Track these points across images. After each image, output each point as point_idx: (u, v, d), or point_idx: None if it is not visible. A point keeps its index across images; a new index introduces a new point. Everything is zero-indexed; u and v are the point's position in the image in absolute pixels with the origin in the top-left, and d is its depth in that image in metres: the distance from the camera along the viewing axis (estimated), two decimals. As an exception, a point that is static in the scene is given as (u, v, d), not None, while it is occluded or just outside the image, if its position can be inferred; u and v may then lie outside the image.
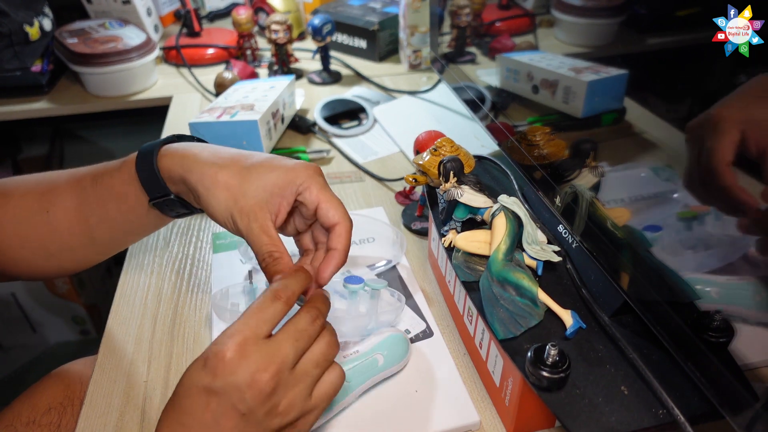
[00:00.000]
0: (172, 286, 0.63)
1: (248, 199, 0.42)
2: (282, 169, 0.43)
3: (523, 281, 0.45)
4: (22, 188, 0.49)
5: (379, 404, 0.48)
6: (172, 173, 0.44)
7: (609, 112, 0.50)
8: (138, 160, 0.45)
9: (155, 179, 0.45)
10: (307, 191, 0.43)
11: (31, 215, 0.48)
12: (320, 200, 0.43)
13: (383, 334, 0.50)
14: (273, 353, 0.35)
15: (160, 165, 0.45)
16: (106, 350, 0.55)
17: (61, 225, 0.48)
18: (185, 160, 0.44)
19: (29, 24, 1.04)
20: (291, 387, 0.36)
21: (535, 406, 0.44)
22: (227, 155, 0.44)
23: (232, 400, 0.34)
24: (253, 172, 0.42)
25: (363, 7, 1.20)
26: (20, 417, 0.57)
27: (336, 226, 0.43)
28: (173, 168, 0.44)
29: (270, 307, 0.37)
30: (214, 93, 0.99)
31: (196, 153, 0.44)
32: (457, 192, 0.51)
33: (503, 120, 0.66)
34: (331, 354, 0.39)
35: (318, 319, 0.39)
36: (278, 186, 0.42)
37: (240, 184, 0.42)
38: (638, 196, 0.45)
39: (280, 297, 0.37)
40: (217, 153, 0.44)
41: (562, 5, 0.55)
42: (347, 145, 0.89)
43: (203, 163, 0.43)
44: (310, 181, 0.43)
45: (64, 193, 0.48)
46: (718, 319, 0.36)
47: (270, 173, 0.42)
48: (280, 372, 0.35)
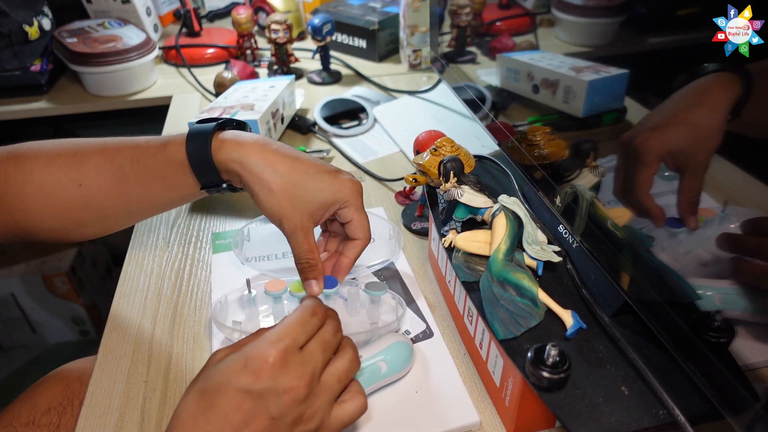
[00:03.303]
0: (172, 286, 0.62)
1: (298, 212, 0.46)
2: (333, 188, 0.47)
3: (523, 281, 0.45)
4: (43, 158, 0.49)
5: (379, 405, 0.48)
6: (229, 168, 0.47)
7: (609, 112, 0.50)
8: (189, 147, 0.47)
9: (210, 170, 0.47)
10: (346, 209, 0.49)
11: (61, 187, 0.49)
12: (353, 219, 0.49)
13: (388, 340, 0.50)
14: (307, 362, 0.38)
15: (215, 156, 0.47)
16: (106, 350, 0.55)
17: (95, 198, 0.49)
18: (244, 159, 0.46)
19: (29, 24, 1.04)
20: (317, 396, 0.38)
21: (535, 406, 0.44)
22: (283, 160, 0.47)
23: (267, 404, 0.36)
24: (308, 186, 0.47)
25: (363, 7, 1.20)
26: (20, 417, 0.57)
27: (356, 241, 0.50)
28: (230, 165, 0.47)
29: (309, 322, 0.40)
30: (214, 93, 0.99)
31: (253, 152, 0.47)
32: (457, 192, 0.51)
33: (503, 120, 0.66)
34: (352, 370, 0.41)
35: (338, 332, 0.42)
36: (325, 202, 0.47)
37: (294, 196, 0.46)
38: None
39: (318, 313, 0.41)
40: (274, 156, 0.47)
41: (562, 5, 0.55)
42: (347, 145, 0.89)
43: (262, 167, 0.46)
44: (352, 201, 0.48)
45: (97, 167, 0.49)
46: (718, 319, 0.36)
47: (322, 191, 0.47)
48: (313, 380, 0.38)
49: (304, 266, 0.48)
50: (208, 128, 0.48)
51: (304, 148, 0.85)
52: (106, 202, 0.50)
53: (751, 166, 0.34)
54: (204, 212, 0.74)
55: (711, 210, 0.39)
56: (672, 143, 0.39)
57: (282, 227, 0.47)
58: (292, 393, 0.36)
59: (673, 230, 0.40)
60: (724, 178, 0.37)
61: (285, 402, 0.36)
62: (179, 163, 0.48)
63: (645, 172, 0.40)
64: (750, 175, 0.34)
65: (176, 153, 0.48)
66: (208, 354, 0.54)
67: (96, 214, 0.51)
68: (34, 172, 0.49)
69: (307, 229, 0.47)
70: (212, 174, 0.48)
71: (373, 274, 0.62)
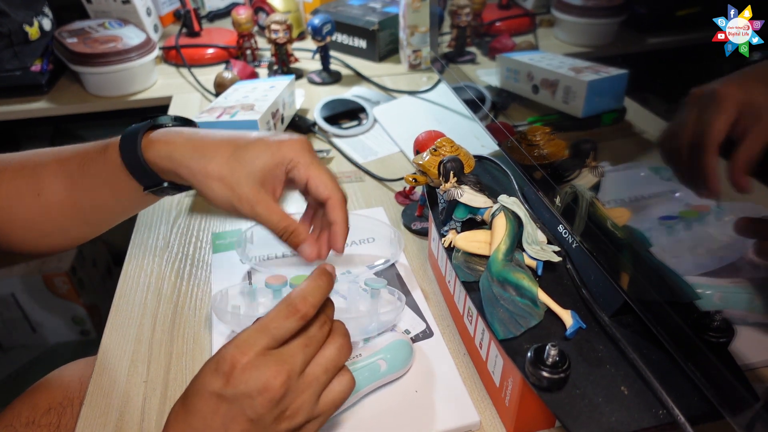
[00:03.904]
0: (172, 286, 0.63)
1: (243, 187, 0.43)
2: (269, 151, 0.43)
3: (523, 281, 0.45)
4: (10, 170, 0.49)
5: (379, 404, 0.48)
6: (161, 166, 0.44)
7: (609, 112, 0.50)
8: (122, 149, 0.45)
9: (144, 171, 0.45)
10: (295, 169, 0.44)
11: (22, 198, 0.48)
12: (309, 176, 0.44)
13: (387, 338, 0.50)
14: (284, 361, 0.36)
15: (146, 156, 0.44)
16: (106, 350, 0.55)
17: (53, 208, 0.48)
18: (173, 153, 0.44)
19: (29, 24, 1.04)
20: (300, 392, 0.36)
21: (535, 406, 0.44)
22: (213, 142, 0.44)
23: (242, 406, 0.35)
24: (242, 158, 0.43)
25: (363, 7, 1.20)
26: (20, 417, 0.57)
27: (328, 200, 0.45)
28: (161, 162, 0.44)
29: (283, 325, 0.36)
30: (214, 93, 0.99)
31: (181, 145, 0.44)
32: (457, 192, 0.51)
33: (503, 120, 0.66)
34: (341, 359, 0.39)
35: (326, 324, 0.39)
36: (268, 169, 0.43)
37: (231, 173, 0.43)
38: (638, 196, 0.45)
39: (297, 311, 0.36)
40: (203, 142, 0.44)
41: (562, 5, 0.55)
42: (347, 145, 0.89)
43: (191, 156, 0.43)
44: (297, 159, 0.44)
45: (52, 175, 0.48)
46: (718, 319, 0.36)
47: (258, 158, 0.43)
48: (290, 378, 0.36)
49: (287, 236, 0.44)
50: (138, 127, 0.46)
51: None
52: (63, 211, 0.49)
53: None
54: (204, 212, 0.74)
55: (705, 206, 0.39)
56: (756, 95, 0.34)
57: (238, 211, 0.44)
58: (267, 394, 0.35)
59: (667, 222, 0.40)
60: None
61: (260, 404, 0.35)
62: (118, 166, 0.46)
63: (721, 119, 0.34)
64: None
65: (113, 156, 0.46)
66: (208, 354, 0.54)
67: (56, 225, 0.50)
68: (1, 185, 0.48)
69: (266, 202, 0.43)
70: (149, 175, 0.45)
71: (374, 274, 0.62)
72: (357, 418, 0.47)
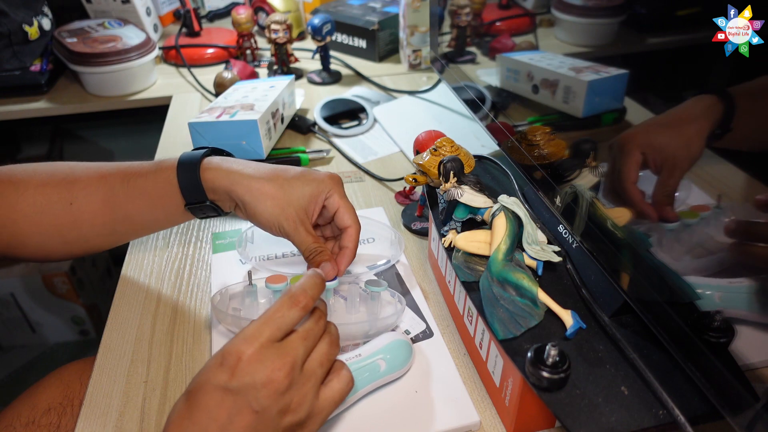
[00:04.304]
0: (172, 286, 0.62)
1: (292, 208, 0.50)
2: (315, 182, 0.52)
3: (523, 281, 0.45)
4: (36, 178, 0.52)
5: (379, 405, 0.48)
6: (216, 185, 0.51)
7: (609, 112, 0.50)
8: (180, 169, 0.52)
9: (197, 189, 0.51)
10: (331, 198, 0.52)
11: (53, 205, 0.51)
12: (339, 206, 0.52)
13: (387, 338, 0.50)
14: (286, 353, 0.38)
15: (203, 177, 0.51)
16: (106, 350, 0.55)
17: (84, 217, 0.52)
18: (231, 175, 0.51)
19: (28, 24, 1.04)
20: (301, 385, 0.38)
21: (535, 406, 0.44)
22: (267, 170, 0.52)
23: (247, 399, 0.36)
24: (293, 185, 0.51)
25: (363, 7, 1.20)
26: (20, 417, 0.57)
27: (348, 228, 0.53)
28: (218, 181, 0.51)
29: (287, 314, 0.39)
30: (214, 93, 0.99)
31: (240, 169, 0.51)
32: (457, 192, 0.51)
33: (503, 120, 0.66)
34: (332, 353, 0.41)
35: (321, 319, 0.42)
36: (313, 195, 0.51)
37: (284, 195, 0.50)
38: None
39: (299, 302, 0.40)
40: (258, 169, 0.52)
41: (562, 5, 0.55)
42: (347, 145, 0.89)
43: (249, 177, 0.50)
44: (334, 190, 0.52)
45: (89, 187, 0.52)
46: (718, 319, 0.36)
47: (307, 186, 0.51)
48: (293, 370, 0.37)
49: (315, 254, 0.51)
50: (198, 154, 0.52)
51: (303, 149, 0.85)
52: (94, 220, 0.52)
53: (744, 166, 0.34)
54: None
55: (706, 206, 0.39)
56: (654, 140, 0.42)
57: (282, 229, 0.50)
58: (272, 386, 0.36)
59: (667, 226, 0.41)
60: (719, 174, 0.37)
61: (265, 395, 0.36)
62: (169, 183, 0.51)
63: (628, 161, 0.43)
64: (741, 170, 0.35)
65: (167, 174, 0.52)
66: (208, 354, 0.54)
67: (81, 233, 0.53)
68: (27, 191, 0.51)
69: (306, 223, 0.51)
70: (198, 192, 0.51)
71: (374, 275, 0.62)
72: (357, 418, 0.47)
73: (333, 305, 0.56)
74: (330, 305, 0.55)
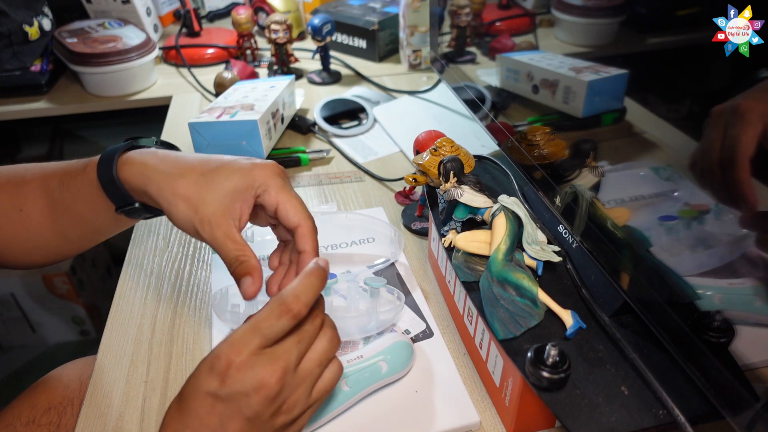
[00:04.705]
0: (172, 286, 0.63)
1: (208, 208, 0.41)
2: (239, 173, 0.42)
3: (523, 281, 0.45)
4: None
5: (379, 405, 0.48)
6: (133, 184, 0.44)
7: (609, 112, 0.50)
8: (99, 168, 0.45)
9: (117, 189, 0.45)
10: (265, 194, 0.43)
11: (4, 213, 0.48)
12: (278, 202, 0.43)
13: (388, 340, 0.50)
14: (278, 358, 0.36)
15: (120, 175, 0.44)
16: (106, 350, 0.55)
17: (33, 223, 0.48)
18: (145, 171, 0.44)
19: (29, 24, 1.04)
20: (295, 387, 0.37)
21: (535, 406, 0.44)
22: (186, 163, 0.43)
23: (239, 405, 0.35)
24: (211, 179, 0.42)
25: (363, 7, 1.20)
26: (20, 417, 0.57)
27: (298, 228, 0.43)
28: (133, 179, 0.44)
29: (276, 324, 0.36)
30: (214, 93, 0.99)
31: (155, 163, 0.44)
32: (457, 192, 0.51)
33: (503, 120, 0.66)
34: (332, 350, 0.39)
35: (317, 317, 0.39)
36: (237, 191, 0.42)
37: (198, 193, 0.42)
38: (638, 195, 0.45)
39: (290, 310, 0.36)
40: (176, 162, 0.44)
41: (562, 5, 0.55)
42: (347, 145, 0.89)
43: (162, 173, 0.43)
44: (268, 183, 0.42)
45: (34, 191, 0.48)
46: (718, 319, 0.36)
47: (228, 179, 0.42)
48: (285, 375, 0.36)
49: (235, 266, 0.41)
50: (117, 147, 0.46)
51: (303, 149, 0.85)
52: (44, 227, 0.49)
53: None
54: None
55: (704, 205, 0.39)
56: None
57: (198, 234, 0.42)
58: (263, 392, 0.35)
59: (667, 223, 0.40)
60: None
61: (256, 402, 0.35)
62: (95, 184, 0.46)
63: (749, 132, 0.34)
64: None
65: (92, 173, 0.46)
66: (208, 354, 0.54)
67: (36, 241, 0.50)
68: None
69: (226, 227, 0.42)
70: (122, 194, 0.45)
71: (373, 274, 0.62)
72: (357, 419, 0.47)
73: (332, 302, 0.56)
74: (329, 303, 0.55)
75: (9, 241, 0.49)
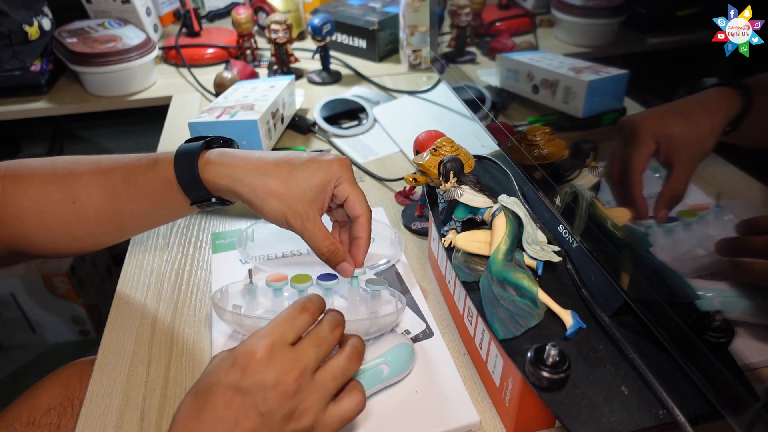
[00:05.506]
0: (172, 286, 0.63)
1: (298, 203, 0.48)
2: (323, 169, 0.48)
3: (523, 281, 0.45)
4: (39, 176, 0.51)
5: (379, 405, 0.48)
6: (219, 185, 0.49)
7: (609, 112, 0.50)
8: (177, 167, 0.49)
9: (199, 187, 0.49)
10: (341, 185, 0.49)
11: (56, 204, 0.50)
12: (349, 194, 0.49)
13: (389, 343, 0.49)
14: (298, 357, 0.38)
15: (203, 175, 0.48)
16: (106, 350, 0.55)
17: (88, 215, 0.51)
18: (233, 173, 0.48)
19: (28, 24, 1.04)
20: (309, 393, 0.38)
21: (535, 406, 0.44)
22: (269, 162, 0.49)
23: (255, 399, 0.36)
24: (298, 177, 0.48)
25: (363, 7, 1.20)
26: (20, 417, 0.57)
27: (359, 217, 0.50)
28: (220, 180, 0.48)
29: (298, 318, 0.40)
30: (214, 93, 0.99)
31: (242, 165, 0.48)
32: (457, 192, 0.51)
33: (503, 120, 0.66)
34: (349, 369, 0.41)
35: (337, 329, 0.42)
36: (321, 185, 0.48)
37: (289, 190, 0.48)
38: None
39: (308, 309, 0.41)
40: (259, 163, 0.49)
41: (562, 5, 0.55)
42: (347, 145, 0.89)
43: (251, 174, 0.48)
44: (344, 177, 0.49)
45: (90, 184, 0.51)
46: (718, 319, 0.36)
47: (314, 174, 0.48)
48: (302, 375, 0.37)
49: (329, 255, 0.49)
50: (194, 147, 0.50)
51: (304, 148, 0.85)
52: (99, 218, 0.51)
53: (749, 169, 0.34)
54: (204, 212, 0.74)
55: (705, 205, 0.39)
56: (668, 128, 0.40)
57: (290, 225, 0.48)
58: (280, 387, 0.36)
59: (667, 225, 0.40)
60: (719, 174, 0.37)
61: (272, 397, 0.36)
62: (168, 182, 0.49)
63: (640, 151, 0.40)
64: (747, 174, 0.35)
65: (165, 172, 0.49)
66: (209, 354, 0.54)
67: (89, 230, 0.52)
68: (30, 189, 0.50)
69: (315, 218, 0.48)
70: (201, 191, 0.49)
71: (374, 274, 0.62)
72: (357, 419, 0.47)
73: (332, 303, 0.56)
74: (329, 304, 0.55)
75: (60, 230, 0.51)
